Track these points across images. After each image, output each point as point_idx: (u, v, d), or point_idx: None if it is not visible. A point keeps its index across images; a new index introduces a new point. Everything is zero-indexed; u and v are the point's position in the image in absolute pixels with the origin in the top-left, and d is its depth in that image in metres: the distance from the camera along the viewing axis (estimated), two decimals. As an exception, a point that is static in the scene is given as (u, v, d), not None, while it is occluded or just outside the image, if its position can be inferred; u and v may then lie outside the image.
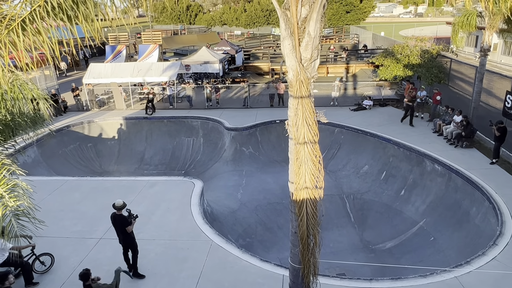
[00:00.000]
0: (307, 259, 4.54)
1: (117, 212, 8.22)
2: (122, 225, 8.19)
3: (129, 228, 8.20)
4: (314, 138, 3.98)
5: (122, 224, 8.17)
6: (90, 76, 21.75)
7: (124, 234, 8.26)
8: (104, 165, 19.05)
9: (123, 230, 8.23)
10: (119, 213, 8.21)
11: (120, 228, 8.25)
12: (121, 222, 8.16)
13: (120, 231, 8.28)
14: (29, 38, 4.45)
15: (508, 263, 8.51)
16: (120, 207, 8.19)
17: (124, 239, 8.31)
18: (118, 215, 8.21)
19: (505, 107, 13.98)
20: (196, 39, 41.06)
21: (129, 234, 8.31)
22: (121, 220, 8.17)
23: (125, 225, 8.16)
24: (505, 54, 30.70)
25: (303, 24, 3.60)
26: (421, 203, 13.70)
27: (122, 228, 8.21)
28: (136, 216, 8.47)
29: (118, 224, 8.23)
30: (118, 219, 8.19)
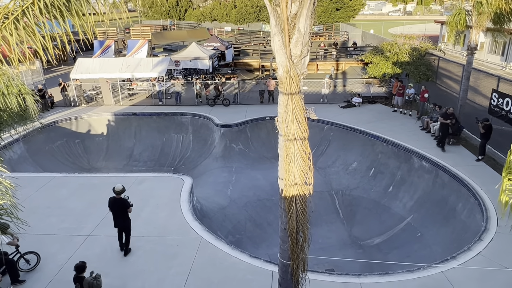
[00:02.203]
0: (297, 255, 4.56)
1: (116, 196, 8.64)
2: (123, 208, 8.63)
3: (130, 209, 8.73)
4: (304, 135, 4.00)
5: (123, 207, 8.64)
6: (78, 71, 21.44)
7: (125, 217, 8.72)
8: (92, 162, 18.84)
9: (123, 213, 8.67)
10: (118, 197, 8.64)
11: (120, 211, 8.65)
12: (122, 205, 8.65)
13: (120, 214, 8.68)
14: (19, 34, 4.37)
15: (492, 258, 8.68)
16: (120, 191, 8.65)
17: (123, 222, 8.78)
18: (118, 199, 8.64)
19: (491, 105, 14.20)
20: (186, 35, 40.74)
21: (128, 217, 8.78)
22: (122, 203, 8.66)
23: (126, 207, 8.66)
24: (491, 53, 31.18)
25: (293, 20, 3.60)
26: (409, 199, 13.87)
27: (122, 211, 8.64)
28: (131, 205, 8.93)
29: (117, 208, 8.65)
30: (118, 202, 8.64)
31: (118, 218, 8.76)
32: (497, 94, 13.88)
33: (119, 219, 8.77)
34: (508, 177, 4.06)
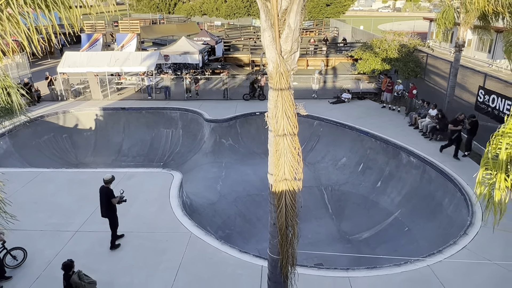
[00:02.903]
0: (286, 250, 4.60)
1: (105, 185, 8.82)
2: (106, 197, 8.75)
3: (114, 200, 8.79)
4: (294, 130, 4.01)
5: (107, 196, 8.75)
6: (65, 65, 21.10)
7: (107, 206, 8.81)
8: (80, 157, 18.62)
9: (107, 202, 8.78)
10: (106, 186, 8.81)
11: (104, 200, 8.78)
12: (106, 193, 8.77)
13: (104, 203, 8.82)
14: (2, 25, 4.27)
15: (477, 252, 8.87)
16: (107, 181, 8.82)
17: (106, 211, 8.87)
18: (104, 187, 8.81)
19: (477, 102, 14.43)
20: (176, 29, 40.35)
21: (112, 208, 8.86)
22: (105, 192, 8.77)
23: (110, 197, 8.76)
24: (478, 50, 31.63)
25: (283, 16, 3.59)
26: (397, 195, 14.05)
27: (106, 199, 8.76)
28: (125, 200, 9.02)
29: (102, 196, 8.78)
30: (104, 191, 8.79)
31: (102, 206, 8.91)
32: (483, 91, 14.10)
33: (102, 208, 8.92)
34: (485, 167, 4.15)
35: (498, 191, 4.04)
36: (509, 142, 3.89)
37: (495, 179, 4.04)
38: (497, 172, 3.98)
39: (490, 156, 4.09)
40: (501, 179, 3.96)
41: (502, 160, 3.91)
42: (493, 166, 4.05)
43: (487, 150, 4.16)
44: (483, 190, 4.23)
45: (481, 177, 4.22)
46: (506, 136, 3.93)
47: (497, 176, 3.99)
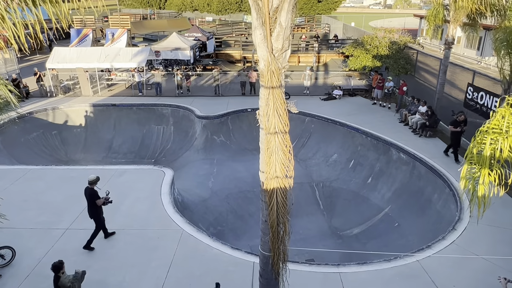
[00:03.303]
0: (277, 247, 4.63)
1: (89, 186, 8.72)
2: (90, 198, 8.67)
3: (98, 201, 8.71)
4: (285, 128, 4.03)
5: (91, 197, 8.67)
6: (54, 61, 20.82)
7: (92, 207, 8.74)
8: (70, 154, 18.44)
9: (91, 203, 8.72)
10: (91, 187, 8.70)
11: (88, 201, 8.73)
12: (90, 194, 8.68)
13: (89, 204, 8.76)
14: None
15: (465, 247, 9.02)
16: (91, 181, 8.71)
17: (90, 212, 8.83)
18: (90, 188, 8.70)
19: (466, 98, 14.61)
20: (166, 25, 40.07)
21: (96, 209, 8.79)
22: (89, 193, 8.68)
23: (94, 198, 8.67)
24: (468, 47, 31.96)
25: (274, 14, 3.60)
26: (387, 191, 14.19)
27: (90, 200, 8.70)
28: (110, 201, 8.96)
29: (87, 197, 8.71)
30: (88, 192, 8.70)
31: (88, 207, 8.86)
32: (472, 88, 14.28)
33: (88, 208, 8.87)
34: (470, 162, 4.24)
35: (482, 186, 4.13)
36: (493, 137, 3.97)
37: (479, 174, 4.12)
38: (481, 167, 4.06)
39: (475, 151, 4.18)
40: (485, 174, 4.05)
41: (486, 155, 4.00)
42: (477, 161, 4.13)
43: (472, 145, 4.25)
44: (468, 184, 4.32)
45: (465, 172, 4.32)
46: (490, 132, 4.02)
47: (481, 171, 4.07)
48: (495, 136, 3.96)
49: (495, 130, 3.99)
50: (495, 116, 4.11)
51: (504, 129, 3.88)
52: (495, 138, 3.95)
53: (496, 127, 4.00)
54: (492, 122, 4.08)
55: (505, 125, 3.88)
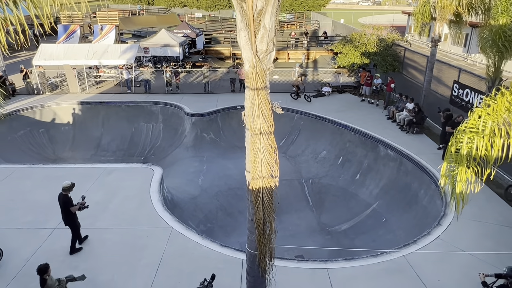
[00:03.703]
0: (264, 245, 4.70)
1: (63, 192, 8.49)
2: (64, 205, 8.47)
3: (73, 208, 8.50)
4: (270, 129, 4.09)
5: (64, 204, 8.46)
6: (41, 58, 20.54)
7: (66, 214, 8.54)
8: (58, 152, 18.27)
9: (65, 211, 8.52)
10: (64, 194, 8.48)
11: (62, 208, 8.52)
12: (64, 202, 8.47)
13: (62, 211, 8.56)
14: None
15: (450, 241, 9.22)
16: (65, 188, 8.48)
17: (65, 219, 8.63)
18: (64, 195, 8.48)
19: (452, 95, 14.84)
20: (156, 21, 39.69)
21: (71, 215, 8.59)
22: (63, 200, 8.47)
23: (68, 205, 8.46)
24: (455, 44, 32.38)
25: (258, 16, 3.64)
26: (375, 187, 14.38)
27: (64, 208, 8.49)
28: (87, 206, 8.74)
29: (60, 204, 8.51)
30: (62, 199, 8.48)
31: (62, 214, 8.61)
32: (457, 85, 14.52)
33: (62, 216, 8.63)
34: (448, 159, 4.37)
35: (459, 183, 4.25)
36: (470, 137, 4.09)
37: (457, 171, 4.25)
38: (459, 165, 4.19)
39: (453, 150, 4.30)
40: (462, 172, 4.17)
41: (463, 154, 4.12)
42: (455, 160, 4.26)
43: (450, 144, 4.38)
44: (447, 182, 4.45)
45: (445, 169, 4.45)
46: (468, 131, 4.14)
47: (459, 168, 4.20)
48: (472, 135, 4.08)
49: (472, 130, 4.12)
50: (472, 116, 4.24)
51: (481, 129, 4.00)
52: (471, 137, 4.08)
53: (473, 127, 4.12)
54: (469, 122, 4.20)
55: (481, 125, 4.01)
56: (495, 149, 3.94)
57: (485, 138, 3.94)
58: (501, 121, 3.92)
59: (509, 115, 3.83)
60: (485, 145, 3.96)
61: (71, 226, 8.71)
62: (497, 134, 3.91)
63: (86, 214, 10.12)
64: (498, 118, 3.92)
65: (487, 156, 4.01)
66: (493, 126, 3.92)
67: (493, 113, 3.95)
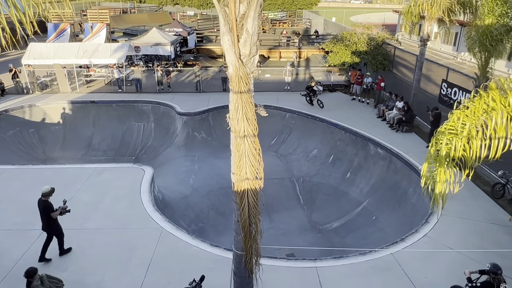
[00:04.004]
0: (250, 246, 4.75)
1: (42, 198, 8.26)
2: (44, 211, 8.26)
3: (54, 214, 8.29)
4: (254, 132, 4.13)
5: (45, 210, 8.25)
6: (30, 57, 20.36)
7: (48, 220, 8.33)
8: (48, 152, 18.14)
9: (45, 217, 8.30)
10: (44, 199, 8.26)
11: (42, 214, 8.30)
12: (44, 207, 8.25)
13: (42, 217, 8.33)
14: None
15: (437, 239, 9.36)
16: (44, 194, 8.25)
17: (46, 226, 8.40)
18: (43, 201, 8.26)
19: (440, 94, 15.01)
20: (147, 19, 39.56)
21: (53, 221, 8.39)
22: (43, 206, 8.25)
23: (48, 211, 8.25)
24: (444, 43, 32.65)
25: (241, 20, 3.68)
26: (365, 185, 14.51)
27: (44, 214, 8.28)
28: (68, 210, 8.54)
29: (40, 210, 8.29)
30: (42, 205, 8.25)
31: (42, 220, 8.38)
32: (446, 84, 14.68)
33: (42, 222, 8.40)
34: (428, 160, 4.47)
35: (439, 183, 4.35)
36: (449, 138, 4.19)
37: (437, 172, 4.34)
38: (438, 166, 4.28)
39: (432, 151, 4.40)
40: (441, 172, 4.27)
41: (442, 155, 4.21)
42: (435, 160, 4.35)
43: (431, 145, 4.47)
44: (428, 182, 4.54)
45: (425, 170, 4.54)
46: (447, 133, 4.23)
47: (438, 169, 4.29)
48: (451, 136, 4.17)
49: (451, 131, 4.21)
50: (451, 118, 4.33)
51: (459, 130, 4.09)
52: (450, 138, 4.17)
53: (452, 128, 4.21)
54: (448, 124, 4.30)
55: (459, 127, 4.10)
56: (473, 150, 4.03)
57: (463, 139, 4.03)
58: (478, 123, 4.01)
59: (487, 117, 3.92)
60: (463, 146, 4.05)
61: (54, 232, 8.49)
62: (474, 136, 4.00)
63: (77, 215, 10.14)
64: (475, 120, 4.01)
65: (465, 157, 4.11)
66: (471, 127, 4.02)
67: (471, 115, 4.04)
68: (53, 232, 8.51)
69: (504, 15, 10.41)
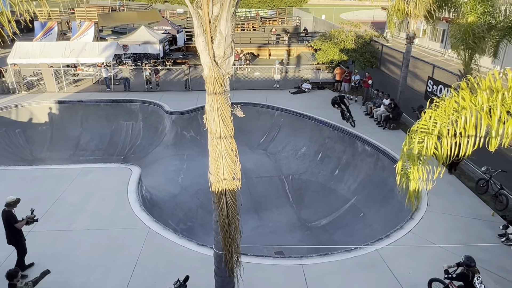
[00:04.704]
0: (229, 246, 4.78)
1: (6, 208, 7.81)
2: (7, 222, 7.81)
3: (18, 225, 7.81)
4: (230, 133, 4.16)
5: (7, 221, 7.80)
6: (16, 56, 20.10)
7: (10, 231, 7.87)
8: (35, 152, 17.96)
9: (8, 228, 7.84)
10: (8, 210, 7.80)
11: (5, 225, 7.84)
12: (6, 218, 7.79)
13: (6, 228, 7.87)
14: None
15: (421, 235, 9.49)
16: (8, 204, 7.81)
17: (9, 237, 7.92)
18: (6, 211, 7.81)
19: (427, 91, 15.16)
20: (136, 17, 39.22)
21: (17, 233, 7.89)
22: (6, 217, 7.80)
23: (11, 222, 7.78)
24: (432, 40, 32.91)
25: (214, 22, 3.69)
26: (353, 182, 14.62)
27: (8, 225, 7.82)
28: (36, 220, 8.16)
29: (4, 221, 7.83)
30: (4, 215, 7.82)
31: (5, 232, 7.89)
32: (432, 81, 14.83)
33: (6, 234, 7.91)
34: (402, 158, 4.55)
35: (412, 181, 4.43)
36: (421, 136, 4.26)
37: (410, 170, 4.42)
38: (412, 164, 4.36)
39: (405, 149, 4.47)
40: (414, 170, 4.34)
41: (414, 153, 4.29)
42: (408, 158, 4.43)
43: (404, 143, 4.55)
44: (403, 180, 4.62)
45: (400, 168, 4.62)
46: (419, 132, 4.30)
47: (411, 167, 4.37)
48: (423, 135, 4.25)
49: (423, 130, 4.28)
50: (424, 117, 4.40)
51: (431, 129, 4.16)
52: (422, 137, 4.24)
53: (424, 127, 4.29)
54: (421, 122, 4.37)
55: (431, 125, 4.17)
56: (444, 148, 4.11)
57: (434, 138, 4.11)
58: (449, 121, 4.08)
59: (457, 115, 3.99)
60: (434, 144, 4.13)
61: (16, 244, 8.00)
62: (444, 134, 4.08)
63: (62, 216, 10.12)
64: (446, 118, 4.09)
65: (437, 155, 4.18)
66: (442, 126, 4.09)
67: (442, 114, 4.12)
68: (16, 245, 7.98)
69: (486, 13, 10.55)
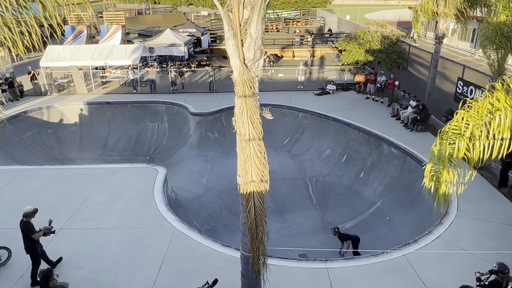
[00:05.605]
0: (256, 247, 4.79)
1: (24, 219, 7.86)
2: (25, 233, 7.85)
3: (35, 236, 7.85)
4: (259, 136, 4.17)
5: (24, 232, 7.84)
6: (48, 59, 20.86)
7: (28, 242, 7.89)
8: (66, 152, 18.56)
9: (26, 238, 7.88)
10: (26, 220, 7.85)
11: (23, 235, 7.88)
12: (23, 229, 7.84)
13: (24, 238, 7.90)
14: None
15: (451, 240, 9.21)
16: (26, 214, 7.85)
17: (27, 247, 7.95)
18: (24, 222, 7.85)
19: (456, 93, 14.72)
20: (161, 20, 39.99)
21: (33, 243, 7.91)
22: (23, 227, 7.84)
23: (28, 233, 7.82)
24: (462, 39, 31.95)
25: (245, 25, 3.71)
26: (379, 185, 14.36)
27: (25, 235, 7.86)
28: (53, 231, 8.19)
29: (21, 231, 7.87)
30: (22, 226, 7.85)
31: (23, 242, 7.89)
32: (462, 82, 14.39)
33: (24, 243, 7.91)
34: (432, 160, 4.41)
35: (442, 184, 4.29)
36: (452, 138, 4.12)
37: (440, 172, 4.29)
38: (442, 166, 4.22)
39: (436, 150, 4.34)
40: (444, 173, 4.21)
41: (445, 155, 4.15)
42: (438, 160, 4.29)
43: (434, 145, 4.41)
44: (432, 183, 4.49)
45: (429, 170, 4.49)
46: (450, 133, 4.16)
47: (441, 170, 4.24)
48: (454, 136, 4.11)
49: (454, 131, 4.15)
50: (455, 118, 4.27)
51: (463, 130, 4.03)
52: (454, 138, 4.11)
53: (456, 128, 4.15)
54: (452, 124, 4.24)
55: (463, 127, 4.03)
56: (476, 150, 3.97)
57: (466, 139, 3.97)
58: (482, 123, 3.94)
59: (491, 117, 3.85)
60: (466, 146, 3.99)
61: (32, 254, 7.98)
62: (477, 136, 3.94)
63: (91, 215, 10.40)
64: (479, 120, 3.95)
65: (468, 157, 4.05)
66: (474, 128, 3.95)
67: (475, 115, 3.98)
68: (31, 255, 7.97)
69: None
